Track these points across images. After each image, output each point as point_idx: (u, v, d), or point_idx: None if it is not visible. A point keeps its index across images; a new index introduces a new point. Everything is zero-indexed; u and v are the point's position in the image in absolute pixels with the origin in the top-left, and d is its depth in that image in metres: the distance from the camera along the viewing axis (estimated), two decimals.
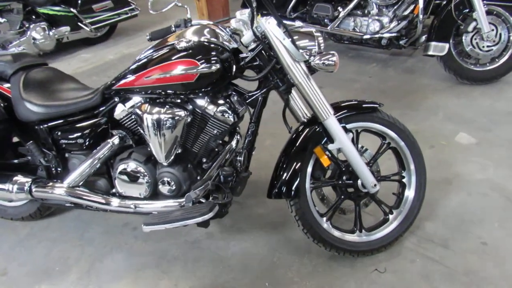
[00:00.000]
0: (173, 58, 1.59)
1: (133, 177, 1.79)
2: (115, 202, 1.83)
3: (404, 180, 1.87)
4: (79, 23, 4.70)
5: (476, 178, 2.27)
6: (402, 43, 3.45)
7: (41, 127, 1.86)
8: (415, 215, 1.84)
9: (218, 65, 1.59)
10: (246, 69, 1.76)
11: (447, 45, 3.10)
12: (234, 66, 1.66)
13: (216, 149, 1.83)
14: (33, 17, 4.49)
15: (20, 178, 1.88)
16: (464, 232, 1.94)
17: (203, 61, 1.57)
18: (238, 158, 1.72)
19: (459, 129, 2.70)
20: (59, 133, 1.87)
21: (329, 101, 1.68)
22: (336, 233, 1.79)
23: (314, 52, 1.68)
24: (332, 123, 1.64)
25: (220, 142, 1.82)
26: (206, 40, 1.63)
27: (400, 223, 1.84)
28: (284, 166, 1.70)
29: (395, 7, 3.43)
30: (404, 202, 1.85)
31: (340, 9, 3.70)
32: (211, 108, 1.70)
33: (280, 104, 1.78)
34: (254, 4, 1.53)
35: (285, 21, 1.63)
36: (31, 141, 1.88)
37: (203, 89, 1.63)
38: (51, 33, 4.54)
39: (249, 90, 1.78)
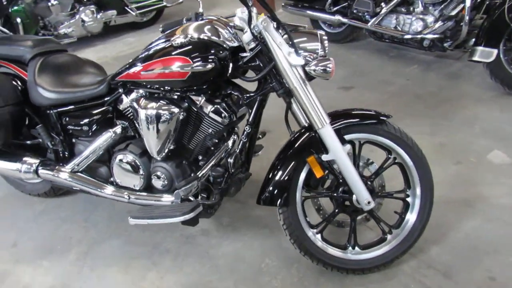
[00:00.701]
0: (167, 55, 1.58)
1: (128, 168, 1.82)
2: (110, 190, 1.88)
3: (408, 199, 1.73)
4: (126, 8, 4.86)
5: (501, 203, 2.05)
6: (446, 46, 3.19)
7: (51, 112, 1.93)
8: (414, 239, 1.70)
9: (212, 64, 1.55)
10: (247, 69, 1.71)
11: (495, 51, 2.81)
12: (231, 66, 1.61)
13: (213, 148, 1.80)
14: (81, 1, 4.69)
15: (29, 159, 1.98)
16: (472, 262, 1.76)
17: (196, 59, 1.54)
18: (229, 159, 1.69)
19: (494, 146, 2.45)
20: (67, 119, 1.93)
21: (357, 103, 1.58)
22: (325, 247, 1.70)
23: (316, 56, 1.59)
24: (326, 133, 1.54)
25: (217, 141, 1.79)
26: (203, 37, 1.60)
27: (397, 245, 1.71)
28: (276, 172, 1.63)
29: (442, 6, 3.16)
30: (405, 224, 1.72)
31: (382, 4, 3.49)
32: (206, 107, 1.67)
33: None
34: (250, 3, 1.46)
35: (322, 15, 1.54)
36: (40, 125, 1.97)
37: (196, 87, 1.60)
38: (98, 16, 4.73)
39: (249, 91, 1.73)
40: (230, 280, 1.80)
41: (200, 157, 1.82)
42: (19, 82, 2.03)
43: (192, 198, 1.73)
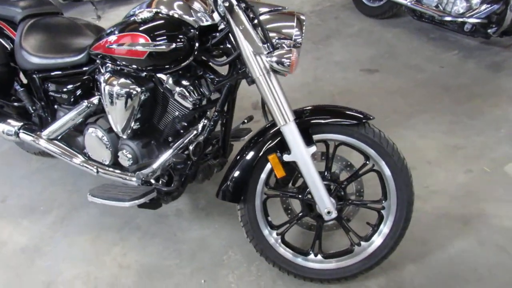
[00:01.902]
0: (133, 30, 1.47)
1: (97, 142, 1.79)
2: (81, 161, 1.86)
3: (383, 211, 1.55)
4: None
5: (502, 225, 1.80)
6: (491, 32, 2.78)
7: (34, 76, 1.92)
8: (383, 256, 1.53)
9: (173, 45, 1.42)
10: (217, 51, 1.56)
11: None
12: (197, 47, 1.47)
13: (182, 131, 1.71)
14: None
15: (12, 121, 2.01)
16: None
17: (156, 38, 1.42)
18: (189, 146, 1.59)
19: None
20: (49, 85, 1.91)
21: (375, 90, 1.41)
22: (283, 251, 1.59)
23: (290, 43, 1.41)
24: (289, 131, 1.39)
25: (186, 124, 1.69)
26: (172, 13, 1.46)
27: (364, 259, 1.56)
28: (236, 167, 1.51)
29: None
30: (375, 238, 1.55)
31: None
32: (172, 88, 1.57)
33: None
34: None
35: None
36: (22, 88, 1.98)
37: (160, 67, 1.49)
38: None
39: (222, 75, 1.60)
40: (188, 267, 1.76)
41: (170, 140, 1.74)
42: (10, 44, 2.03)
43: (153, 181, 1.67)
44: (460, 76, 2.86)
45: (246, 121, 1.94)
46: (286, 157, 1.44)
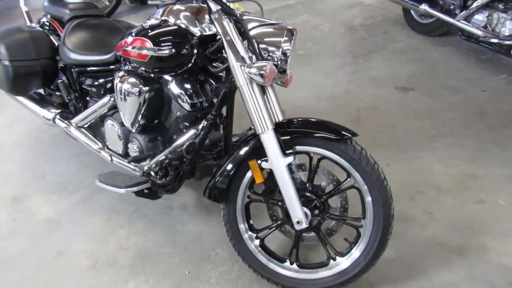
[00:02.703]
0: (138, 35, 1.63)
1: (112, 133, 1.98)
2: (99, 148, 2.07)
3: (361, 229, 1.55)
4: None
5: (501, 262, 1.69)
6: None
7: (72, 70, 2.18)
8: (355, 275, 1.53)
9: (172, 50, 1.56)
10: (216, 59, 1.67)
11: None
12: (196, 54, 1.60)
13: (184, 131, 1.84)
14: None
15: (52, 108, 2.29)
16: None
17: (157, 43, 1.57)
18: (184, 147, 1.70)
19: None
20: (83, 79, 2.16)
21: (403, 109, 1.47)
22: (259, 255, 1.64)
23: (278, 55, 1.49)
24: (267, 139, 1.45)
25: (188, 124, 1.81)
26: (176, 23, 1.61)
27: (336, 274, 1.56)
28: (222, 168, 1.60)
29: None
30: (350, 255, 1.55)
31: None
32: (174, 90, 1.71)
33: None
34: None
35: (409, 2, 1.45)
36: (61, 80, 2.24)
37: (162, 69, 1.64)
38: None
39: (221, 81, 1.71)
40: (178, 258, 1.88)
41: (175, 137, 1.88)
42: (58, 40, 2.31)
43: (152, 174, 1.82)
44: (501, 102, 2.69)
45: (252, 127, 2.02)
46: (264, 164, 1.51)
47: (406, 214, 1.93)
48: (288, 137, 1.48)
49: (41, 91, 2.52)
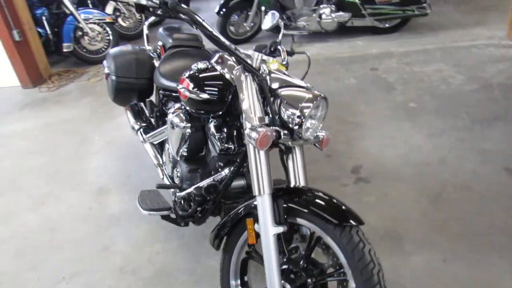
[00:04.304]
0: (186, 75, 1.75)
1: (166, 156, 2.17)
2: (157, 164, 2.28)
3: None
4: (361, 12, 4.86)
5: None
6: None
7: (159, 92, 2.46)
8: None
9: (205, 95, 1.63)
10: None
11: None
12: (229, 102, 1.64)
13: (219, 170, 1.89)
14: None
15: (139, 121, 2.61)
16: None
17: (195, 86, 1.65)
18: (204, 186, 1.75)
19: None
20: (164, 101, 2.42)
21: (491, 201, 1.44)
22: None
23: (297, 120, 1.41)
24: (260, 203, 1.40)
25: (222, 164, 1.86)
26: (219, 69, 1.68)
27: None
28: (226, 218, 1.61)
29: None
30: None
31: None
32: (209, 131, 1.78)
33: None
34: (232, 46, 1.45)
35: None
36: (149, 99, 2.54)
37: (195, 110, 1.73)
38: (333, 15, 4.95)
39: None
40: (188, 286, 1.95)
41: (212, 173, 1.95)
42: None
43: (179, 203, 1.93)
44: None
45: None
46: (256, 227, 1.45)
47: None
48: (285, 205, 1.40)
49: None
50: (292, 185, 1.54)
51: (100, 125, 3.66)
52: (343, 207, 1.35)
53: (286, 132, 1.42)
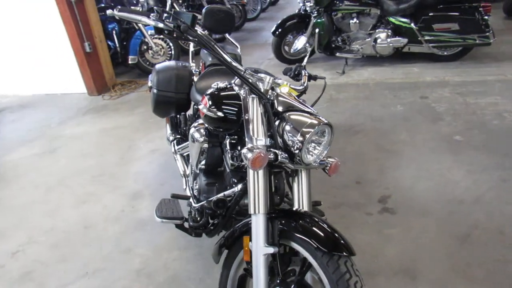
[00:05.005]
0: (207, 93, 1.85)
1: (190, 167, 2.27)
2: (182, 174, 2.40)
3: None
4: (419, 38, 4.71)
5: None
6: None
7: (194, 106, 2.59)
8: None
9: (220, 114, 1.71)
10: None
11: None
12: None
13: (233, 185, 1.95)
14: (382, 24, 4.92)
15: (174, 132, 2.76)
16: None
17: (212, 104, 1.74)
18: (213, 200, 1.81)
19: None
20: (198, 115, 2.54)
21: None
22: None
23: (298, 145, 1.43)
24: (255, 222, 1.44)
25: (236, 180, 1.91)
26: (236, 89, 1.75)
27: None
28: (229, 231, 1.66)
29: None
30: None
31: None
32: (225, 147, 1.85)
33: None
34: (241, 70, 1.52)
35: None
36: (184, 113, 2.68)
37: (212, 127, 1.81)
38: (389, 40, 4.86)
39: None
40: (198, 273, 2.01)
41: (228, 188, 2.01)
42: None
43: (195, 214, 2.01)
44: None
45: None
46: (250, 244, 1.48)
47: None
48: (280, 227, 1.42)
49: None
50: (295, 208, 1.55)
51: (147, 134, 3.91)
52: (337, 236, 1.34)
53: (285, 155, 1.45)
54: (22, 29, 5.04)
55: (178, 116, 2.88)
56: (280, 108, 1.51)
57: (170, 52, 5.75)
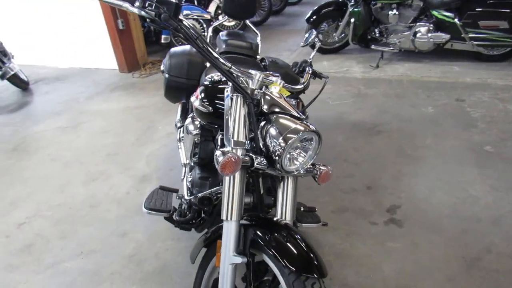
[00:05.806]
0: (200, 86, 1.77)
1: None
2: (183, 164, 2.33)
3: None
4: (462, 35, 4.34)
5: None
6: None
7: None
8: None
9: (211, 108, 1.63)
10: None
11: None
12: None
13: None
14: (425, 17, 4.58)
15: (183, 120, 2.71)
16: None
17: (203, 98, 1.66)
18: (199, 196, 1.75)
19: None
20: None
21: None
22: None
23: (279, 150, 1.33)
24: (226, 229, 1.36)
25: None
26: (223, 82, 1.67)
27: None
28: (206, 233, 1.59)
29: None
30: None
31: None
32: (217, 143, 1.77)
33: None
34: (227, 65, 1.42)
35: None
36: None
37: (204, 121, 1.73)
38: (430, 34, 4.52)
39: None
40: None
41: (220, 184, 1.95)
42: None
43: (183, 208, 1.96)
44: None
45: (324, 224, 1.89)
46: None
47: None
48: (252, 237, 1.34)
49: None
50: (276, 218, 1.46)
51: (167, 116, 3.91)
52: (311, 256, 1.24)
53: (264, 160, 1.35)
54: (63, 7, 5.18)
55: (188, 102, 2.82)
56: (266, 109, 1.41)
57: (203, 33, 5.70)
